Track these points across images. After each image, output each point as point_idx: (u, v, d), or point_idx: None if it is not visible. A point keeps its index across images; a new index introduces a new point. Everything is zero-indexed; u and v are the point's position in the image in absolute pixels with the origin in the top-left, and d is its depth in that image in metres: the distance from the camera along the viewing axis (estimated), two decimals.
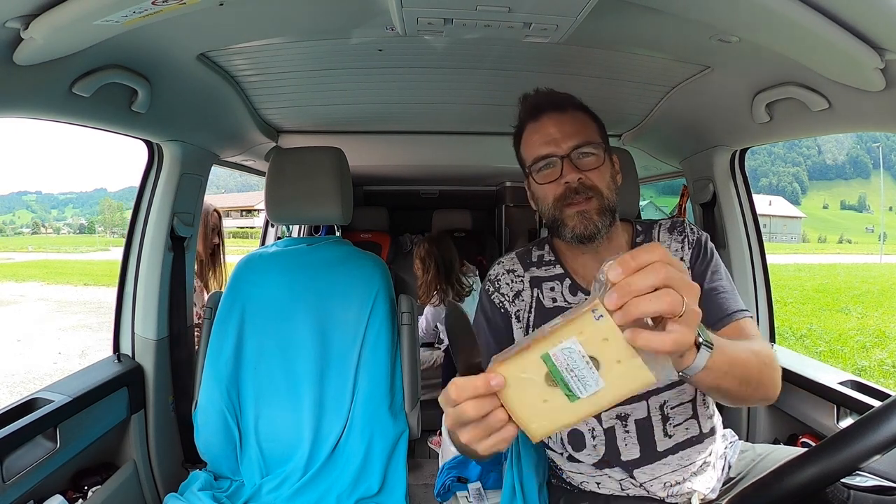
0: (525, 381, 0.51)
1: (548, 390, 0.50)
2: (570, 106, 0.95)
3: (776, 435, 1.40)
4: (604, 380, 0.49)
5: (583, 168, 0.90)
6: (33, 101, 0.91)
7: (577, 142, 0.91)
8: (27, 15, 0.72)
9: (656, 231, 1.00)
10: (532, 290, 1.00)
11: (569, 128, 0.92)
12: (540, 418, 0.51)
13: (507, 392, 0.51)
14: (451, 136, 1.94)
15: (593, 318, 0.48)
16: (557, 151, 0.91)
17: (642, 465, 0.92)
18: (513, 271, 1.02)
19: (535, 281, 1.00)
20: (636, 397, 0.91)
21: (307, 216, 1.33)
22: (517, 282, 1.01)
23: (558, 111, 0.93)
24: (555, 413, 0.51)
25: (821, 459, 0.55)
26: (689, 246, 0.96)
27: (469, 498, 1.28)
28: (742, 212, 1.56)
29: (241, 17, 0.95)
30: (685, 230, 0.99)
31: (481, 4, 0.84)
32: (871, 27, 0.72)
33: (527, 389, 0.51)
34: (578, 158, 0.91)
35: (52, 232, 64.96)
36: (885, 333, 7.71)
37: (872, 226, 61.12)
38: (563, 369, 0.50)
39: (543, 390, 0.50)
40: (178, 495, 1.18)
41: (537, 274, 1.01)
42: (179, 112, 1.29)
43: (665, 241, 0.98)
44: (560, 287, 0.98)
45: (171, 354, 1.48)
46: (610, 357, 0.49)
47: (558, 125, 0.92)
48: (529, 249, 1.06)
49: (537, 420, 0.51)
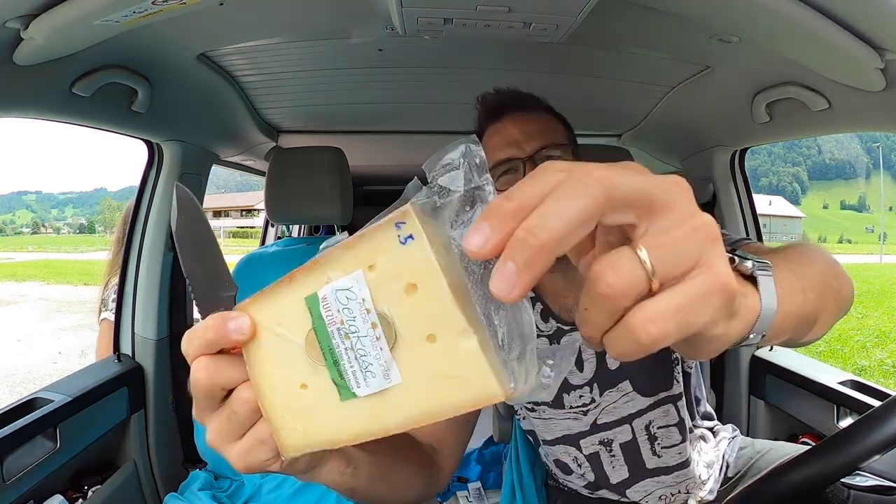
0: (280, 340, 0.30)
1: (310, 367, 0.29)
2: (533, 106, 0.89)
3: (776, 435, 1.41)
4: (400, 369, 0.27)
5: None
6: (33, 101, 0.91)
7: (542, 143, 0.83)
8: (27, 15, 0.72)
9: None
10: None
11: (532, 128, 0.85)
12: (295, 417, 0.30)
13: (254, 358, 0.31)
14: (452, 136, 1.93)
15: (397, 240, 0.26)
16: (520, 154, 0.83)
17: (633, 484, 0.89)
18: None
19: None
20: (614, 422, 0.87)
21: (307, 216, 1.33)
22: None
23: (521, 111, 0.87)
24: (317, 413, 0.30)
25: (821, 459, 0.55)
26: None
27: (469, 498, 1.28)
28: (742, 212, 1.56)
29: (241, 17, 0.95)
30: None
31: (481, 4, 0.84)
32: (871, 27, 0.72)
33: (281, 358, 0.30)
34: (542, 159, 0.82)
35: (52, 232, 64.97)
36: (886, 333, 7.71)
37: (872, 226, 61.12)
38: (335, 331, 0.28)
39: (303, 364, 0.29)
40: (178, 495, 1.18)
41: None
42: (179, 112, 1.29)
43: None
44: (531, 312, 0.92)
45: (172, 354, 1.48)
46: (419, 324, 0.26)
47: (520, 125, 0.85)
48: None
49: (291, 419, 0.31)
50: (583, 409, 0.88)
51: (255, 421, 0.33)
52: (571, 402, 0.89)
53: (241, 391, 0.33)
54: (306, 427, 0.30)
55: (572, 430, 0.90)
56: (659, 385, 0.88)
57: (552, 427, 0.91)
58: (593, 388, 0.88)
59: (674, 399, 0.89)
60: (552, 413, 0.90)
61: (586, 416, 0.89)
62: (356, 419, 0.29)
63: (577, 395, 0.88)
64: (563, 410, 0.90)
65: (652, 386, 0.88)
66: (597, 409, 0.88)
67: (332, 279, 0.27)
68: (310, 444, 0.31)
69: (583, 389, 0.88)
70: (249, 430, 0.33)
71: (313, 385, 0.29)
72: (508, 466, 1.10)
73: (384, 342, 0.27)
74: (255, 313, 0.30)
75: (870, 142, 68.66)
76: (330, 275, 0.28)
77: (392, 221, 0.26)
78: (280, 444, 0.31)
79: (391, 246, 0.26)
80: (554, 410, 0.90)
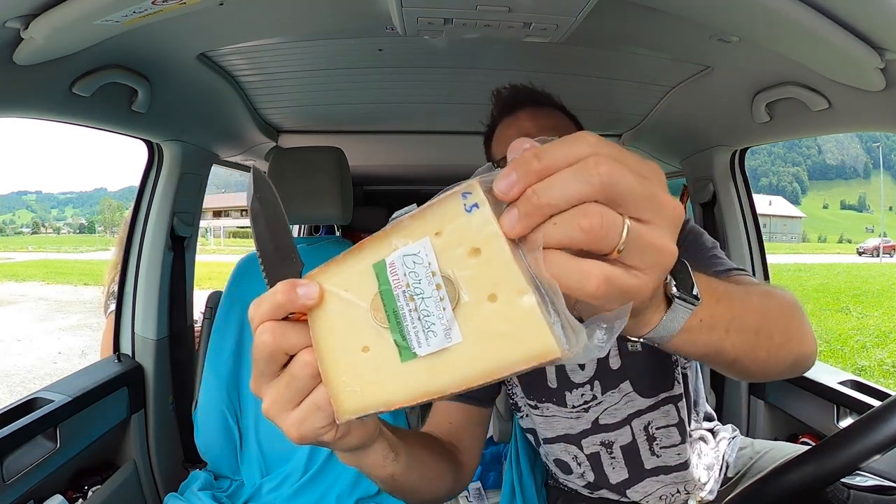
0: (345, 305, 0.32)
1: (374, 330, 0.31)
2: (547, 103, 0.91)
3: (776, 435, 1.41)
4: (461, 329, 0.28)
5: None
6: (33, 101, 0.91)
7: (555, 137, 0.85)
8: (27, 15, 0.72)
9: None
10: None
11: (545, 122, 0.88)
12: (354, 379, 0.32)
13: (318, 323, 0.32)
14: (452, 135, 1.94)
15: (463, 208, 0.28)
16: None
17: (633, 484, 0.90)
18: None
19: None
20: (615, 424, 0.87)
21: (307, 216, 1.33)
22: None
23: (535, 105, 0.89)
24: (377, 374, 0.31)
25: (820, 459, 0.55)
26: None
27: (469, 498, 1.28)
28: (742, 212, 1.56)
29: (241, 17, 0.95)
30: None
31: (481, 4, 0.84)
32: (871, 27, 0.72)
33: (346, 322, 0.32)
34: None
35: (52, 232, 64.99)
36: (886, 333, 7.70)
37: (872, 226, 61.09)
38: (400, 294, 0.30)
39: (368, 329, 0.31)
40: (178, 495, 1.18)
41: None
42: (179, 112, 1.29)
43: None
44: None
45: (171, 354, 1.48)
46: (481, 285, 0.28)
47: (534, 119, 0.88)
48: None
49: (350, 381, 0.32)
50: (584, 406, 0.89)
51: (313, 387, 0.35)
52: (574, 400, 0.89)
53: (302, 355, 0.34)
54: (364, 388, 0.31)
55: (574, 429, 0.90)
56: (659, 386, 0.89)
57: (554, 425, 0.91)
58: (594, 386, 0.89)
59: (674, 399, 0.89)
60: (555, 410, 0.91)
61: (587, 413, 0.89)
62: (414, 379, 0.30)
63: (580, 394, 0.89)
64: (566, 409, 0.90)
65: (652, 387, 0.88)
66: (598, 406, 0.89)
67: (399, 246, 0.30)
68: (366, 405, 0.32)
69: (584, 388, 0.89)
70: (303, 394, 0.35)
71: (375, 347, 0.31)
72: (508, 466, 1.10)
73: (447, 302, 0.29)
74: (322, 281, 0.32)
75: (870, 142, 68.66)
76: (397, 242, 0.30)
77: (459, 192, 0.29)
78: (337, 406, 0.33)
79: (457, 214, 0.28)
80: (557, 408, 0.91)
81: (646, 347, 0.86)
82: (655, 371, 0.88)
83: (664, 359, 0.89)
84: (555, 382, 0.90)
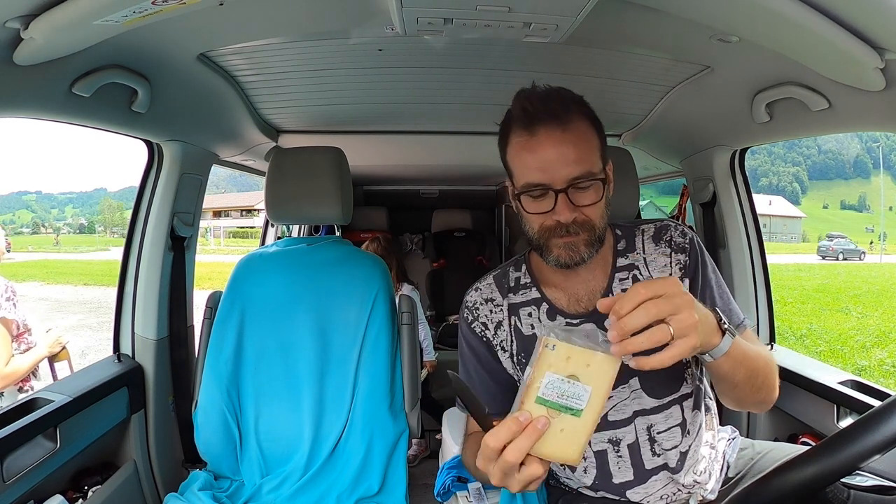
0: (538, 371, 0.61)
1: (557, 421, 0.59)
2: (571, 115, 0.81)
3: (776, 434, 1.40)
4: (589, 384, 0.59)
5: (579, 203, 0.81)
6: (33, 101, 0.91)
7: (577, 173, 0.79)
8: (27, 15, 0.72)
9: (639, 239, 0.92)
10: (510, 318, 0.94)
11: (569, 151, 0.80)
12: (567, 444, 0.59)
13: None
14: (451, 135, 1.94)
15: (550, 352, 0.59)
16: (554, 184, 0.80)
17: (634, 486, 0.90)
18: (491, 300, 0.96)
19: (513, 308, 0.94)
20: (622, 421, 0.89)
21: (307, 216, 1.33)
22: (497, 311, 0.95)
23: (559, 124, 0.80)
24: (575, 433, 0.59)
25: (821, 459, 0.55)
26: (679, 257, 0.90)
27: (469, 498, 1.28)
28: (742, 211, 1.56)
29: (241, 17, 0.95)
30: (672, 238, 0.91)
31: (481, 4, 0.84)
32: (871, 27, 0.72)
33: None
34: (575, 192, 0.81)
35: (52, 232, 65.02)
36: (886, 333, 7.71)
37: (872, 226, 61.07)
38: (557, 398, 0.59)
39: (555, 424, 0.59)
40: (179, 495, 1.18)
41: (514, 300, 0.95)
42: (179, 112, 1.29)
43: (650, 254, 0.91)
44: (537, 312, 0.93)
45: (171, 354, 1.48)
46: (580, 367, 0.59)
47: (557, 146, 0.80)
48: (506, 271, 0.98)
49: (566, 447, 0.60)
50: None
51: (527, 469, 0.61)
52: None
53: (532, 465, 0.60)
54: (575, 440, 0.59)
55: None
56: (667, 387, 0.90)
57: None
58: None
59: (680, 399, 0.90)
60: None
61: None
62: (590, 415, 0.59)
63: None
64: None
65: (661, 388, 0.89)
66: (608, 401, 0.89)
67: (539, 386, 0.59)
68: (582, 443, 0.60)
69: None
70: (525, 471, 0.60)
71: (564, 424, 0.59)
72: None
73: (576, 382, 0.59)
74: (525, 408, 0.59)
75: (870, 142, 68.65)
76: (538, 385, 0.59)
77: (544, 346, 0.59)
78: (571, 460, 0.60)
79: (550, 354, 0.59)
80: None
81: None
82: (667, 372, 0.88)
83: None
84: None
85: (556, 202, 0.80)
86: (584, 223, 0.82)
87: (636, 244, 0.93)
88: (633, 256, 0.92)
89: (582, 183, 0.80)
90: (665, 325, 0.59)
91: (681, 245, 0.91)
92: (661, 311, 0.59)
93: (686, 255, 0.90)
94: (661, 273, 0.90)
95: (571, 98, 0.84)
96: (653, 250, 0.91)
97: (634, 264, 0.91)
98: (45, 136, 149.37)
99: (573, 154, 0.80)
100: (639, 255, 0.92)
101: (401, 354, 1.34)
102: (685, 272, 0.90)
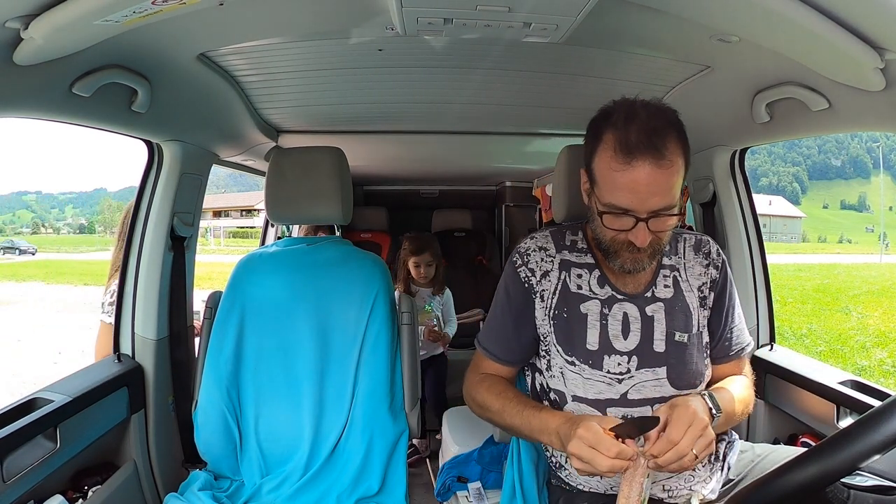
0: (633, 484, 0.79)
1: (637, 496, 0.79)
2: (668, 145, 0.83)
3: (776, 435, 1.40)
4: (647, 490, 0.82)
5: (656, 229, 0.87)
6: (33, 101, 0.91)
7: (661, 205, 0.85)
8: (27, 15, 0.72)
9: (681, 246, 1.01)
10: (560, 272, 0.99)
11: (660, 183, 0.83)
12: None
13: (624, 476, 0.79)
14: (451, 135, 1.94)
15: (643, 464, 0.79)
16: (639, 212, 0.85)
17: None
18: (544, 249, 1.00)
19: (566, 264, 0.99)
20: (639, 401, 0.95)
21: (307, 216, 1.33)
22: (547, 261, 0.99)
23: (655, 156, 0.82)
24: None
25: (821, 459, 0.55)
26: (712, 272, 1.00)
27: (469, 498, 1.28)
28: (742, 211, 1.56)
29: (241, 17, 0.95)
30: (710, 252, 1.01)
31: (481, 4, 0.84)
32: (871, 27, 0.72)
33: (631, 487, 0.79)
34: (656, 220, 0.86)
35: (52, 232, 64.99)
36: (885, 333, 7.71)
37: (872, 226, 61.08)
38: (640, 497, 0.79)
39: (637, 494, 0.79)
40: (179, 495, 1.18)
41: (568, 258, 1.00)
42: (179, 112, 1.29)
43: (689, 261, 1.00)
44: (588, 276, 0.98)
45: (171, 354, 1.48)
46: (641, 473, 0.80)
47: (650, 178, 0.83)
48: (563, 232, 1.03)
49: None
50: (618, 376, 0.94)
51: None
52: (610, 366, 0.94)
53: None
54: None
55: (602, 395, 0.94)
56: (691, 379, 0.95)
57: (588, 387, 0.95)
58: (631, 359, 0.95)
59: (697, 394, 0.92)
60: (590, 373, 0.95)
61: (620, 384, 0.94)
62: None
63: (616, 362, 0.95)
64: (601, 372, 0.94)
65: (685, 378, 0.95)
66: (630, 379, 0.94)
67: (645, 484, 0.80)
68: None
69: (622, 357, 0.95)
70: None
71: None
72: (509, 466, 1.10)
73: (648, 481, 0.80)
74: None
75: (870, 142, 68.67)
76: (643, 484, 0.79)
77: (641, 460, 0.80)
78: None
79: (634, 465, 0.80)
80: (592, 370, 0.94)
81: (691, 340, 0.97)
82: (696, 362, 0.97)
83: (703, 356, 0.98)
84: (596, 345, 0.95)
85: (636, 226, 0.86)
86: (654, 243, 0.89)
87: (679, 249, 1.02)
88: (675, 259, 1.01)
89: (663, 212, 0.86)
90: (692, 452, 0.78)
91: (715, 262, 1.01)
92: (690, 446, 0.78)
93: (718, 273, 1.00)
94: (696, 280, 1.00)
95: (670, 122, 0.87)
96: (692, 258, 1.01)
97: (676, 266, 1.01)
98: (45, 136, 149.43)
99: (662, 185, 0.84)
100: (680, 259, 1.01)
101: (401, 354, 1.34)
102: (713, 287, 1.00)
